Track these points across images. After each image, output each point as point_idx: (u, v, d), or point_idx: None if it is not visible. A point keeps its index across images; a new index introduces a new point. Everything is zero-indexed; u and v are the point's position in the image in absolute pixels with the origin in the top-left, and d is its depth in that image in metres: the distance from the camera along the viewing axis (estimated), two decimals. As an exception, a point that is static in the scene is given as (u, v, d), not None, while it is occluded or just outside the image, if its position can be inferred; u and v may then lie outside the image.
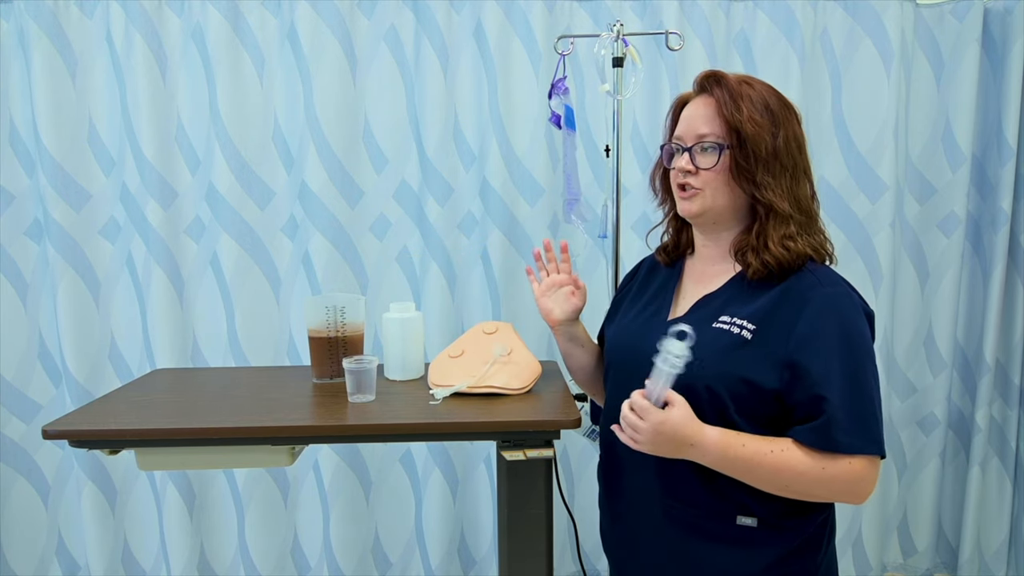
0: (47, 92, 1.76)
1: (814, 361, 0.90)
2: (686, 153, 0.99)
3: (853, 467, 0.89)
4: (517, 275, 1.93)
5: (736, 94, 0.97)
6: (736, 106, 0.96)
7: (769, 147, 0.95)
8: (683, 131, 1.01)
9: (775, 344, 0.92)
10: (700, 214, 1.00)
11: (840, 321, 0.91)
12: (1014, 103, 1.89)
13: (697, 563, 0.99)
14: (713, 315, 0.98)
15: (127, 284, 1.89)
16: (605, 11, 1.86)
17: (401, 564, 2.02)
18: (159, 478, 1.92)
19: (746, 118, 0.95)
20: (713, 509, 0.97)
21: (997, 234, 1.93)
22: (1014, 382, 2.00)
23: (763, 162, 0.95)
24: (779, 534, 0.96)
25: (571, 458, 2.01)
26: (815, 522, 0.98)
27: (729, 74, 1.00)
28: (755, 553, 0.96)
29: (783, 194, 0.96)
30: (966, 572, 2.04)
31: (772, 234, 0.96)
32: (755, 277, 0.96)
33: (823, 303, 0.92)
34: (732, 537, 0.97)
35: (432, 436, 1.20)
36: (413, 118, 1.87)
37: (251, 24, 1.82)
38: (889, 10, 1.85)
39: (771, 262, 0.95)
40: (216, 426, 1.06)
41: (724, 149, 0.96)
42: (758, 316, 0.94)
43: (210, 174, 1.83)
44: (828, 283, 0.94)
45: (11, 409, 1.88)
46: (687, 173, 0.99)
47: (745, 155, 0.95)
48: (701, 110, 0.99)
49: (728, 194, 0.98)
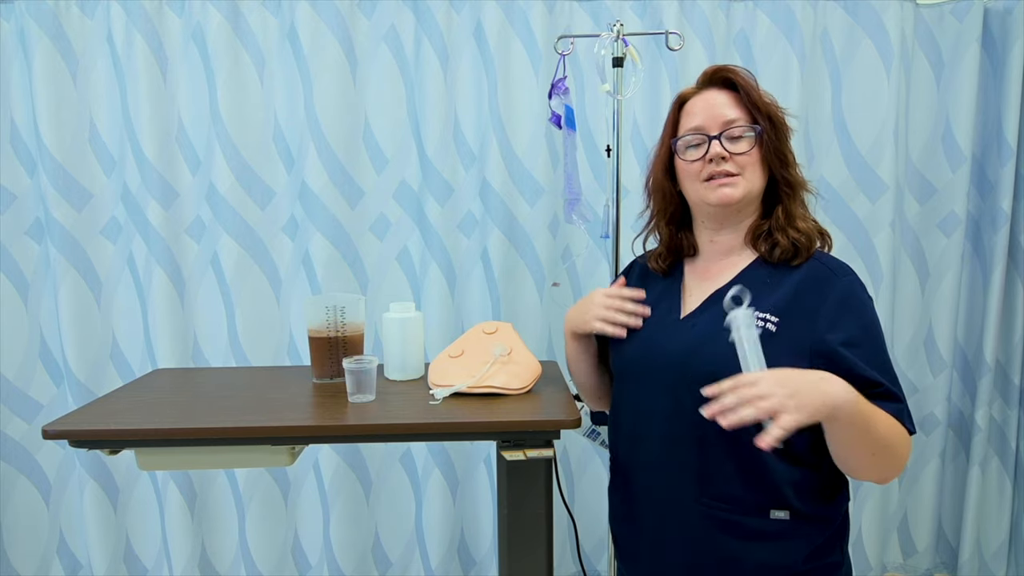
0: (48, 92, 1.77)
1: (852, 348, 0.92)
2: (715, 141, 1.00)
3: (908, 437, 0.93)
4: (517, 275, 1.93)
5: (751, 82, 1.02)
6: (757, 91, 1.01)
7: (787, 129, 1.03)
8: (704, 121, 1.02)
9: (801, 334, 0.93)
10: (742, 198, 1.01)
11: (863, 308, 0.95)
12: (1014, 103, 1.89)
13: (733, 561, 0.98)
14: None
15: (128, 284, 1.89)
16: (605, 11, 1.86)
17: (401, 564, 2.02)
18: (161, 477, 1.92)
19: (771, 102, 1.02)
20: (749, 504, 0.97)
21: (997, 234, 1.93)
22: (1014, 382, 2.00)
23: (788, 142, 1.03)
24: (810, 525, 0.97)
25: (571, 458, 2.02)
26: (840, 512, 1.01)
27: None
28: (789, 546, 0.97)
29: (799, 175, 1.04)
30: (966, 572, 2.04)
31: (795, 211, 1.02)
32: (783, 257, 0.99)
33: (844, 291, 0.95)
34: (766, 532, 0.97)
35: (432, 436, 1.19)
36: (413, 118, 1.88)
37: (251, 24, 1.82)
38: (889, 10, 1.85)
39: (799, 239, 0.99)
40: (216, 426, 1.06)
41: (759, 132, 1.00)
42: (780, 307, 0.95)
43: (210, 174, 1.84)
44: (840, 272, 0.98)
45: (12, 408, 1.89)
46: (722, 160, 1.00)
47: (778, 136, 1.01)
48: (719, 100, 1.02)
49: (760, 177, 1.02)
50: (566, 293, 1.96)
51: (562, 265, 1.95)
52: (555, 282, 1.93)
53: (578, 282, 1.96)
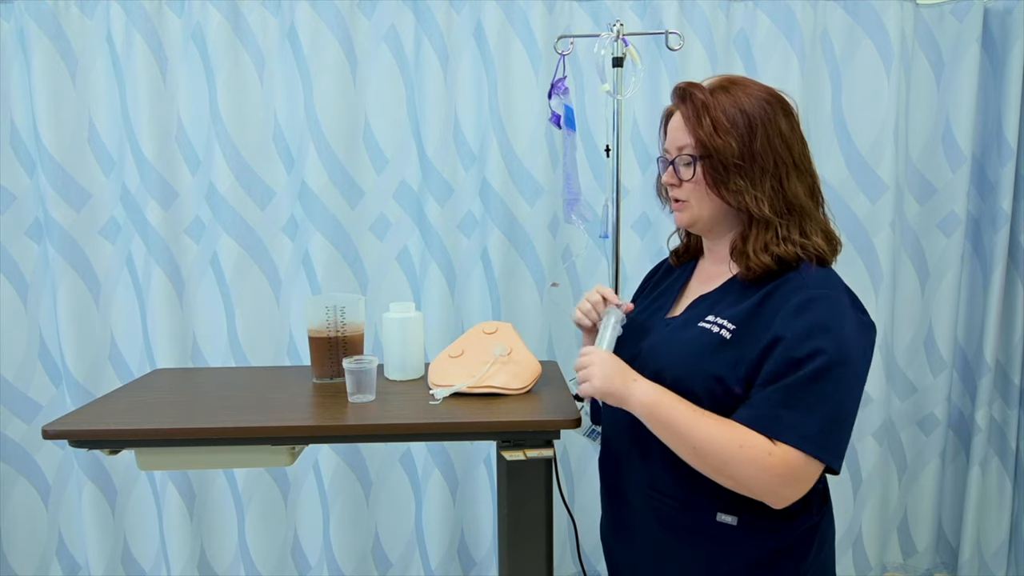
0: (47, 92, 1.76)
1: (773, 357, 0.88)
2: (670, 166, 1.02)
3: (774, 459, 0.85)
4: (517, 275, 1.93)
5: (701, 105, 0.96)
6: (698, 119, 0.95)
7: (737, 154, 0.93)
8: (668, 144, 1.04)
9: (749, 344, 0.92)
10: (690, 224, 1.03)
11: (816, 322, 0.88)
12: (1014, 103, 1.89)
13: (677, 558, 1.01)
14: (703, 314, 0.99)
15: (127, 284, 1.89)
16: (605, 11, 1.86)
17: (401, 564, 2.02)
18: (159, 478, 1.92)
19: (707, 131, 0.94)
20: (691, 503, 0.98)
21: (997, 234, 1.93)
22: (1014, 382, 2.00)
23: (736, 169, 0.94)
24: (758, 535, 0.96)
25: (571, 458, 2.01)
26: (800, 528, 0.97)
27: (703, 83, 0.99)
28: (732, 552, 0.96)
29: (763, 197, 0.94)
30: (966, 572, 2.04)
31: (754, 241, 0.95)
32: (753, 277, 0.96)
33: (802, 303, 0.89)
34: (711, 534, 0.97)
35: (432, 436, 1.20)
36: (413, 118, 1.87)
37: (251, 24, 1.82)
38: (889, 10, 1.85)
39: (756, 267, 0.94)
40: (216, 426, 1.06)
41: (697, 161, 0.97)
42: (740, 317, 0.94)
43: (210, 174, 1.84)
44: (815, 285, 0.91)
45: (11, 409, 1.88)
46: (672, 186, 1.02)
47: (714, 165, 0.95)
48: (678, 122, 1.01)
49: (710, 203, 0.99)
50: (566, 293, 1.96)
51: (562, 265, 1.95)
52: (554, 282, 1.93)
53: (578, 282, 1.96)
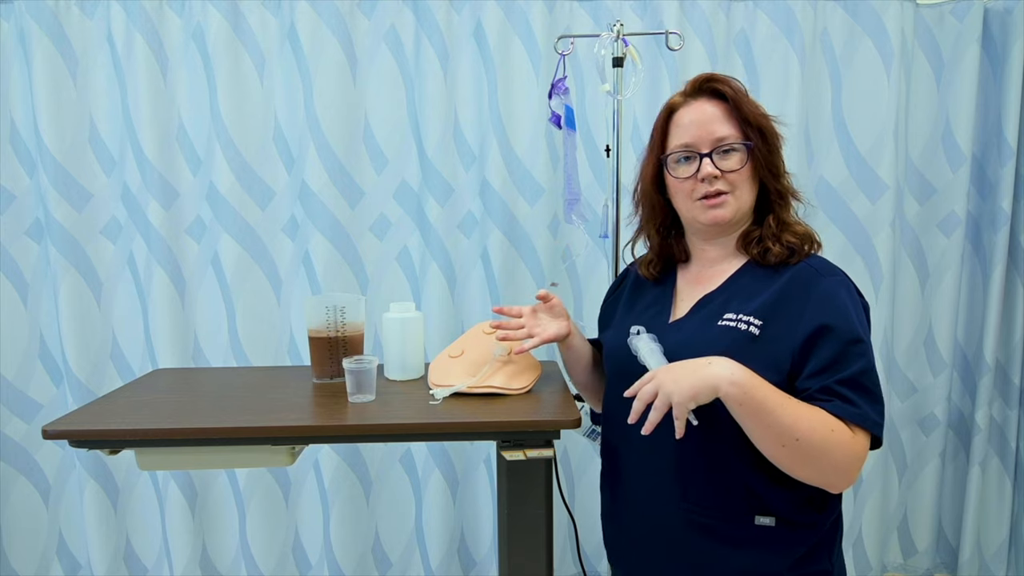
0: (48, 92, 1.76)
1: (824, 347, 0.90)
2: (706, 160, 0.98)
3: (856, 443, 0.87)
4: (517, 275, 1.93)
5: (740, 93, 0.99)
6: (740, 108, 0.98)
7: (776, 135, 1.01)
8: (694, 137, 0.99)
9: (783, 336, 0.92)
10: (732, 217, 1.00)
11: (846, 308, 0.93)
12: (1014, 103, 1.89)
13: (717, 567, 0.98)
14: (716, 313, 0.98)
15: (128, 284, 1.89)
16: (605, 11, 1.86)
17: (401, 564, 2.02)
18: (161, 477, 1.92)
19: (754, 116, 0.98)
20: (731, 511, 0.96)
21: (997, 234, 1.93)
22: (1014, 382, 2.00)
23: (779, 153, 1.01)
24: (795, 532, 0.96)
25: (571, 458, 2.02)
26: (829, 519, 0.98)
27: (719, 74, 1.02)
28: (774, 554, 0.96)
29: (790, 178, 1.03)
30: (966, 572, 2.04)
31: (787, 218, 1.02)
32: (777, 261, 0.98)
33: (827, 291, 0.94)
34: (751, 538, 0.96)
35: (432, 436, 1.20)
36: (413, 118, 1.88)
37: (251, 24, 1.82)
38: (889, 10, 1.85)
39: (795, 243, 0.98)
40: (216, 426, 1.06)
41: (749, 148, 0.98)
42: (764, 311, 0.94)
43: (211, 174, 1.84)
44: (827, 272, 0.96)
45: (12, 408, 1.89)
46: (714, 179, 0.98)
47: (769, 149, 0.99)
48: (709, 113, 0.99)
49: (751, 192, 1.01)
50: (566, 293, 1.96)
51: (562, 265, 1.95)
52: (554, 282, 1.93)
53: (578, 282, 1.96)
